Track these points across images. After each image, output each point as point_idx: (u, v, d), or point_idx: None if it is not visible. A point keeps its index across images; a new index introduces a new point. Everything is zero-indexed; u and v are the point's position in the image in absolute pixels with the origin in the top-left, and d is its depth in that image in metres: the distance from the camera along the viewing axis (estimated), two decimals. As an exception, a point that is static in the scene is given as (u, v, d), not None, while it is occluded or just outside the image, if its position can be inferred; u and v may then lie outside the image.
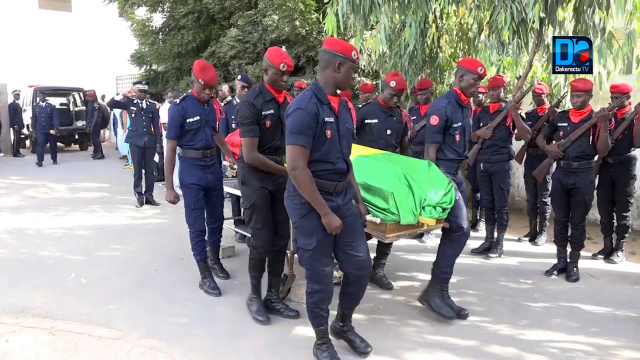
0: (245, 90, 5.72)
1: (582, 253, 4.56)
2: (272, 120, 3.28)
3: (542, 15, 4.31)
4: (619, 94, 4.52)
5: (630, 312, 3.75)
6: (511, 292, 4.11)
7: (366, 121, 4.20)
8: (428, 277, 4.05)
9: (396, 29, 6.01)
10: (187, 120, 3.83)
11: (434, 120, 3.56)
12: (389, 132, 4.20)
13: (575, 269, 4.42)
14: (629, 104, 4.68)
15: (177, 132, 3.84)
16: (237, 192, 4.61)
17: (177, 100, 3.87)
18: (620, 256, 4.89)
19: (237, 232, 5.25)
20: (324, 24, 5.38)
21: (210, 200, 4.12)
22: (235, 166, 4.16)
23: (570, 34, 4.61)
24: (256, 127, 3.21)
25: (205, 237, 4.12)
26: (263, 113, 3.24)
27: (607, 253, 4.96)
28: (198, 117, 3.87)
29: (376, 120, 4.18)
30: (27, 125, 13.79)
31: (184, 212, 4.02)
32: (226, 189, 4.86)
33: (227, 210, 5.65)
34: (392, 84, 4.05)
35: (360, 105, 4.36)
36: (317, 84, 2.72)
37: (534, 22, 4.17)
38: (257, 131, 3.22)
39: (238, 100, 5.68)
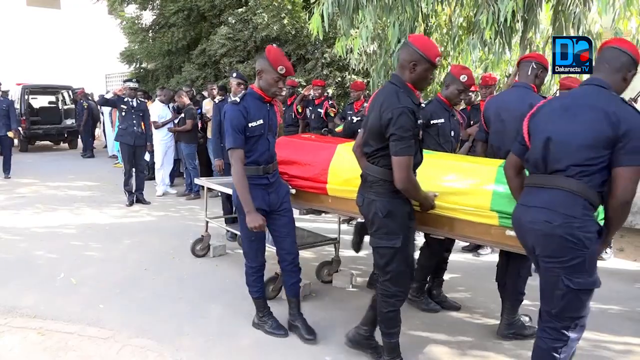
0: (242, 87, 5.58)
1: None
2: (420, 131, 2.67)
3: (523, 15, 4.35)
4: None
5: (619, 308, 3.79)
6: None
7: (432, 122, 3.53)
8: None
9: (385, 28, 6.01)
10: (250, 125, 2.98)
11: None
12: (452, 133, 3.62)
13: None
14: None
15: (241, 137, 2.96)
16: (227, 190, 4.60)
17: (237, 99, 3.02)
18: (608, 253, 4.95)
19: (228, 231, 5.24)
20: (310, 24, 5.37)
21: (277, 227, 3.21)
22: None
23: (552, 34, 4.66)
24: (414, 142, 2.55)
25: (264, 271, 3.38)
26: (418, 122, 2.61)
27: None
28: (261, 121, 3.02)
29: (442, 120, 3.55)
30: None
31: (243, 240, 3.26)
32: (216, 187, 4.85)
33: (218, 209, 5.66)
34: (463, 78, 3.47)
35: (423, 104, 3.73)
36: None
37: (514, 20, 4.20)
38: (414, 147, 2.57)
39: (233, 99, 5.57)
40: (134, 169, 7.21)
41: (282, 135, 5.44)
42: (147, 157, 7.95)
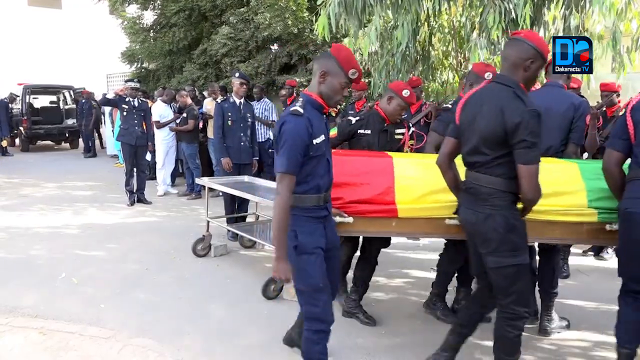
0: (244, 87, 5.56)
1: (573, 250, 4.59)
2: None
3: (530, 14, 4.36)
4: (609, 92, 4.57)
5: (620, 308, 3.78)
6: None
7: None
8: (421, 273, 4.07)
9: (388, 28, 6.02)
10: (314, 142, 2.34)
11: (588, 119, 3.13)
12: None
13: (565, 265, 4.45)
14: (619, 101, 4.73)
15: (300, 160, 2.31)
16: (228, 190, 4.60)
17: (299, 108, 2.32)
18: (610, 253, 4.93)
19: (229, 231, 5.23)
20: (317, 25, 5.37)
21: (327, 269, 2.48)
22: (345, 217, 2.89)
23: (560, 34, 4.67)
24: None
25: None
26: None
27: (597, 250, 5.00)
28: (323, 137, 2.41)
29: None
30: (17, 123, 13.74)
31: (302, 296, 2.44)
32: (217, 186, 4.85)
33: (219, 209, 5.65)
34: (488, 75, 3.17)
35: (450, 105, 3.46)
36: None
37: (524, 20, 4.21)
38: None
39: (234, 99, 5.56)
40: (135, 169, 7.22)
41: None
42: (148, 157, 7.96)
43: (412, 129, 3.63)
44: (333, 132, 3.55)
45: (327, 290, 2.44)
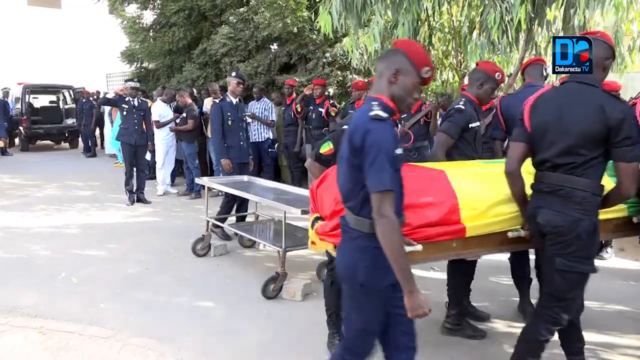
0: (241, 86, 5.55)
1: (573, 250, 4.58)
2: None
3: (531, 14, 4.36)
4: (609, 91, 4.57)
5: (620, 307, 3.78)
6: (503, 288, 4.13)
7: (471, 125, 3.15)
8: (422, 273, 4.06)
9: (389, 27, 6.02)
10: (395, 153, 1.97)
11: None
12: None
13: (565, 265, 4.45)
14: (619, 101, 4.73)
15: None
16: (228, 190, 4.60)
17: (382, 113, 1.92)
18: (609, 252, 4.94)
19: (216, 226, 5.20)
20: (318, 22, 5.37)
21: (400, 302, 1.94)
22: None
23: (560, 34, 4.67)
24: None
25: None
26: None
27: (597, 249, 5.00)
28: (400, 150, 2.03)
29: (478, 124, 3.21)
30: (16, 123, 13.74)
31: (352, 329, 2.13)
32: (217, 186, 4.85)
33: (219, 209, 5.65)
34: (498, 75, 3.19)
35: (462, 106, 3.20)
36: None
37: (520, 21, 4.22)
38: None
39: (231, 98, 5.56)
40: (134, 169, 7.22)
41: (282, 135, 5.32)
42: (148, 156, 7.98)
43: (399, 126, 3.59)
44: (327, 147, 2.90)
45: (377, 332, 2.11)
